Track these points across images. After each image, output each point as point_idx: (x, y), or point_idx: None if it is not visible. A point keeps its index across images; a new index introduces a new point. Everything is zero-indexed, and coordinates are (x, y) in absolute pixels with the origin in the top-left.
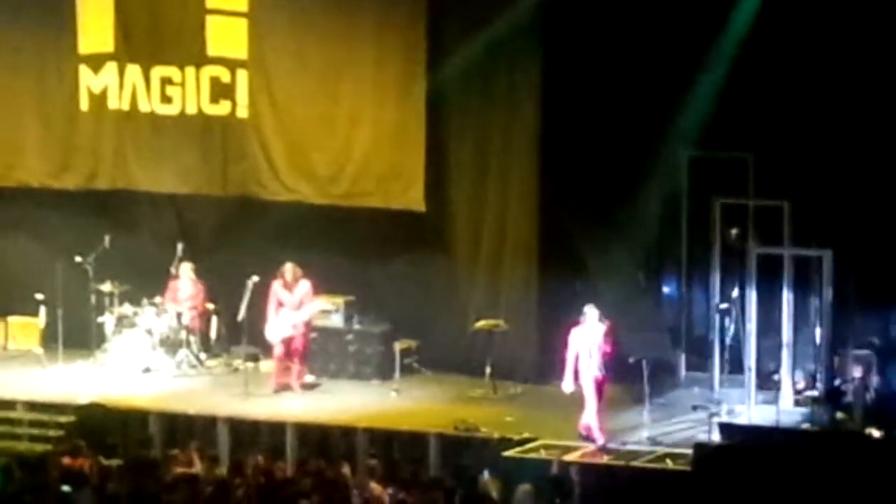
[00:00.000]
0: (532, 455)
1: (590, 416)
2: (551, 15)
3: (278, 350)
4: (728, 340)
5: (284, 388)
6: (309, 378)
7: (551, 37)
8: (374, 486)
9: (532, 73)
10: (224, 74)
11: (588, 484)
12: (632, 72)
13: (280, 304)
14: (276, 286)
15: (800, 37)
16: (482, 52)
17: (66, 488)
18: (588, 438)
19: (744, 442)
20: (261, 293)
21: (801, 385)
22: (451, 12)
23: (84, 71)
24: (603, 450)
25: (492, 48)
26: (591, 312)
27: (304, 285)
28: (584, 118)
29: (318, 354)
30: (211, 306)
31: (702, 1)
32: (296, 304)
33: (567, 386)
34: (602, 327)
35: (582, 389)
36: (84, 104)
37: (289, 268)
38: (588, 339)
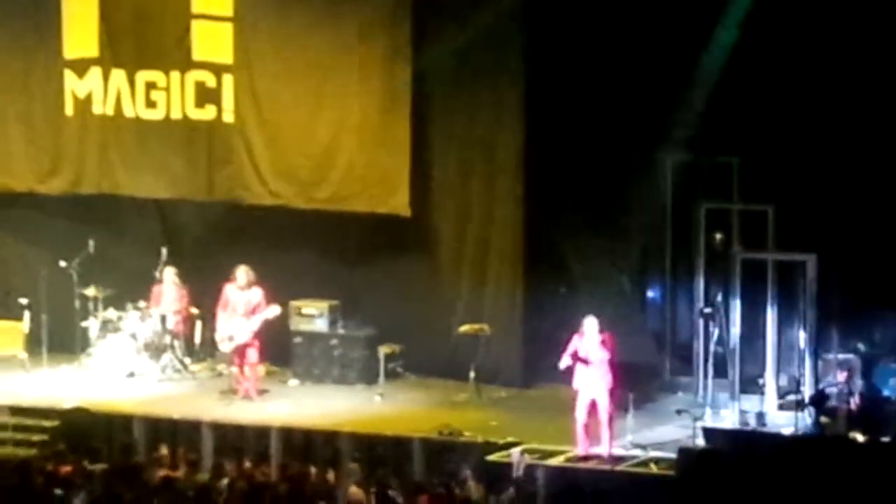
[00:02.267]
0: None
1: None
2: (534, 22)
3: (237, 359)
4: (712, 345)
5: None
6: (293, 382)
7: (535, 44)
8: (355, 490)
9: (517, 79)
10: (209, 79)
11: (563, 490)
12: (616, 78)
13: (233, 310)
14: (229, 289)
15: (784, 42)
16: (467, 58)
17: (58, 492)
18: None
19: (728, 446)
20: None
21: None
22: (435, 19)
23: (69, 76)
24: (586, 455)
25: (476, 54)
26: (590, 323)
27: (257, 292)
28: (569, 124)
29: (303, 358)
30: (195, 311)
31: (688, 6)
32: (249, 311)
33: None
34: (600, 338)
35: (577, 397)
36: (69, 109)
37: (243, 270)
38: (587, 350)
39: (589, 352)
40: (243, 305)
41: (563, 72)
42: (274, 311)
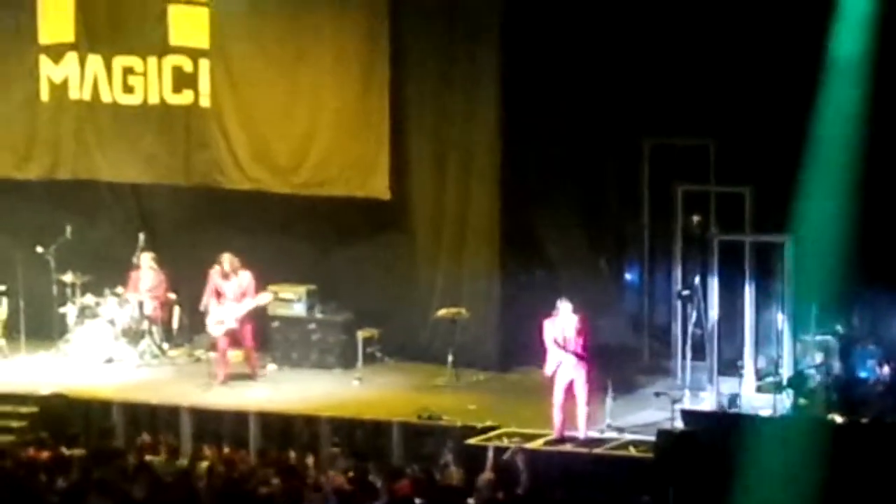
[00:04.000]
0: (495, 443)
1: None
2: (511, 2)
3: (222, 343)
4: (690, 327)
5: (230, 378)
6: (271, 367)
7: (511, 23)
8: (335, 476)
9: (493, 61)
10: (186, 64)
11: (541, 473)
12: (594, 58)
13: (221, 295)
14: (215, 276)
15: (760, 21)
16: (443, 39)
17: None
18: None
19: (706, 429)
20: None
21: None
22: (412, 1)
23: (44, 61)
24: (563, 438)
25: (452, 36)
26: (564, 306)
27: (245, 276)
28: (545, 106)
29: (281, 343)
30: (173, 296)
31: None
32: (238, 296)
33: (549, 369)
34: (575, 319)
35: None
36: (45, 95)
37: (226, 258)
38: (561, 333)
39: (564, 335)
40: (233, 290)
41: (540, 53)
42: (265, 297)
